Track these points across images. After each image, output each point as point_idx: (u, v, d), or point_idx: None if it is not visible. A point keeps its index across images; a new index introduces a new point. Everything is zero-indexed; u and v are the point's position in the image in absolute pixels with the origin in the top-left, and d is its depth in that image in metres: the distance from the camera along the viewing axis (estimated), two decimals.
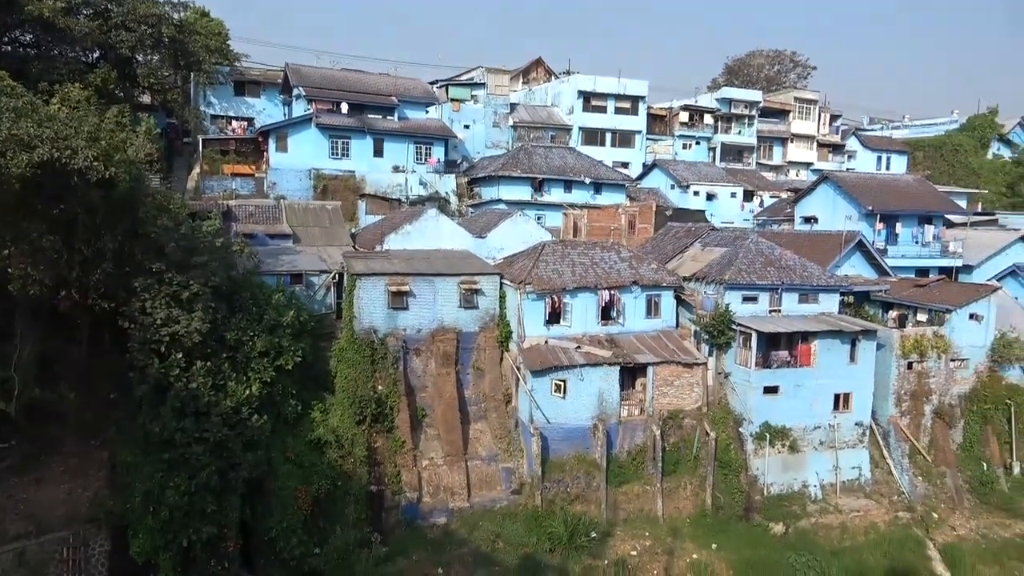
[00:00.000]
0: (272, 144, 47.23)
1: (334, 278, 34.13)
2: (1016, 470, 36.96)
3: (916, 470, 35.53)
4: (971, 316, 37.69)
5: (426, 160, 51.94)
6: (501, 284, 34.13)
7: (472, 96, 61.04)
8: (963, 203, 58.40)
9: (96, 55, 42.61)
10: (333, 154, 48.84)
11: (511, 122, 62.38)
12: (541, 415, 31.47)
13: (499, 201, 51.03)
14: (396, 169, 50.39)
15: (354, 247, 38.92)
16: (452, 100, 59.98)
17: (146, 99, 48.74)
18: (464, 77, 64.11)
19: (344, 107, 50.26)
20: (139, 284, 25.12)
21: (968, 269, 46.92)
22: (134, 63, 44.21)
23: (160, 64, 45.96)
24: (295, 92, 51.09)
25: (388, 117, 52.25)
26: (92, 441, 26.25)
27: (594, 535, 29.74)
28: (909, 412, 36.42)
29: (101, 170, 22.26)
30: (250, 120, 53.47)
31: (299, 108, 50.71)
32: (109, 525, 25.06)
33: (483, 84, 61.38)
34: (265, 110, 54.36)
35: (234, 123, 52.82)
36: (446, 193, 51.80)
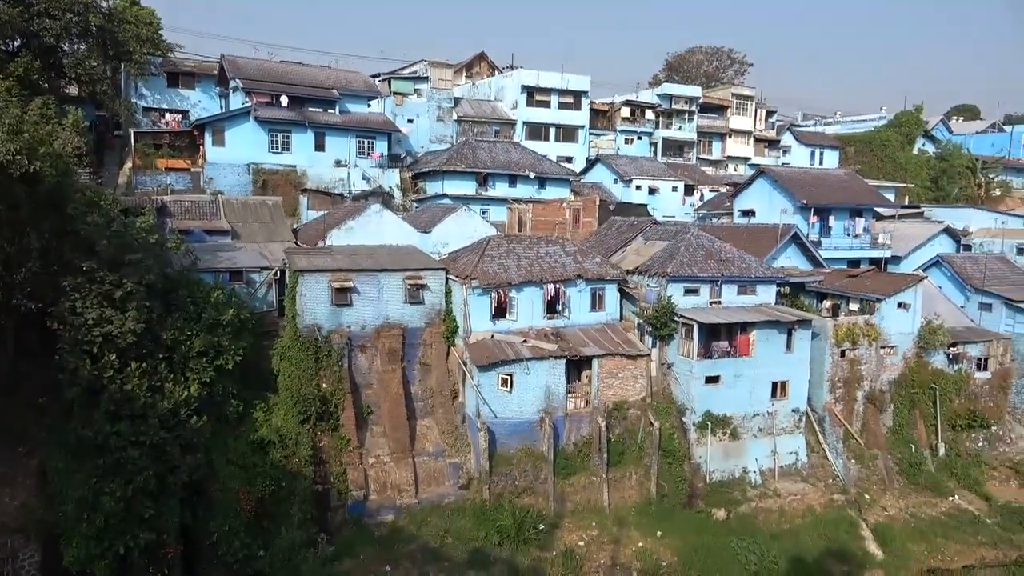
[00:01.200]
0: (208, 138, 45.92)
1: (276, 275, 33.44)
2: (941, 451, 38.79)
3: (849, 454, 36.91)
4: (899, 305, 39.30)
5: (369, 154, 51.30)
6: (447, 279, 34.02)
7: (415, 90, 60.57)
8: (891, 196, 60.91)
9: (17, 44, 40.63)
10: (273, 148, 47.81)
11: (455, 116, 62.12)
12: (488, 410, 31.53)
13: (444, 196, 50.81)
14: (338, 163, 49.63)
15: (296, 243, 38.20)
16: (395, 94, 59.41)
17: (73, 91, 46.65)
18: (407, 71, 63.52)
19: (283, 100, 49.21)
20: (68, 283, 24.15)
21: (896, 260, 48.97)
22: (59, 52, 42.34)
23: (88, 54, 44.01)
24: (232, 84, 49.77)
25: (329, 111, 51.41)
26: (19, 448, 25.13)
27: (542, 527, 29.99)
28: (842, 398, 37.81)
29: (24, 164, 21.33)
30: (185, 113, 51.87)
31: (236, 101, 49.42)
32: (40, 534, 24.05)
33: (426, 78, 60.94)
34: (201, 103, 52.79)
35: (168, 116, 51.14)
36: (390, 188, 51.30)
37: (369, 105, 55.31)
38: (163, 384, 25.03)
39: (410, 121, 59.63)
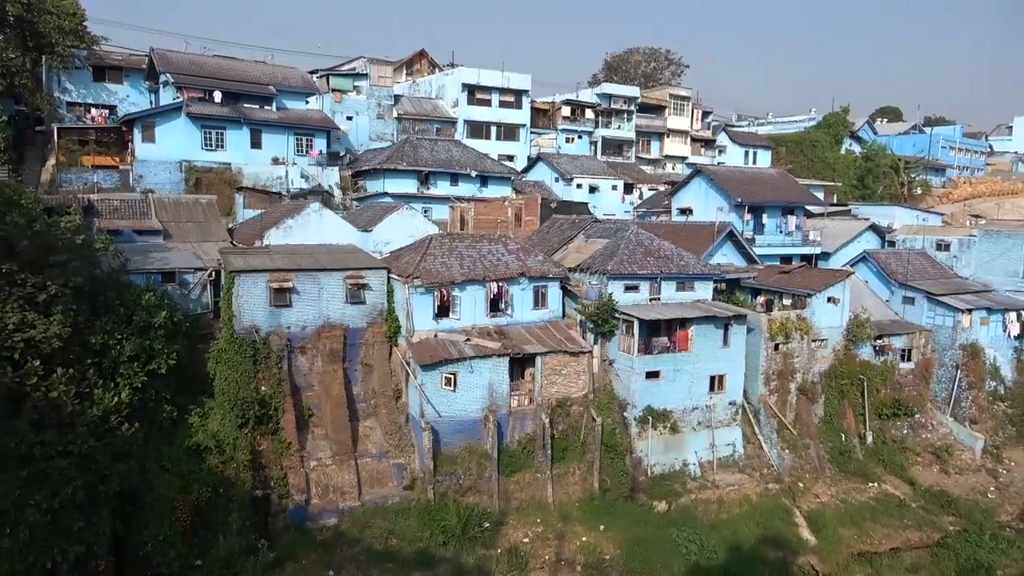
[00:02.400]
0: (138, 134, 44.32)
1: (210, 276, 32.53)
2: (869, 439, 40.43)
3: (783, 444, 38.13)
4: (829, 299, 40.78)
5: (308, 152, 50.40)
6: (389, 278, 33.71)
7: (355, 87, 59.78)
8: (820, 195, 63.17)
9: None
10: (206, 145, 46.47)
11: (396, 114, 61.58)
12: (432, 409, 31.39)
13: (385, 194, 50.29)
14: (276, 161, 48.59)
15: (232, 243, 37.22)
16: (334, 91, 58.52)
17: None
18: (346, 67, 62.57)
19: (217, 96, 47.87)
20: None
21: (826, 256, 50.82)
22: None
23: (5, 45, 41.93)
24: (163, 79, 48.13)
25: (266, 107, 50.26)
26: None
27: (487, 525, 30.04)
28: (777, 390, 39.02)
29: None
30: (112, 108, 49.99)
31: (167, 96, 47.83)
32: None
33: (366, 75, 60.20)
34: (129, 97, 50.95)
35: (94, 111, 49.17)
36: (329, 186, 50.49)
37: (307, 102, 54.29)
38: (92, 390, 24.04)
39: (349, 119, 58.81)
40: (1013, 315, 45.54)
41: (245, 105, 49.27)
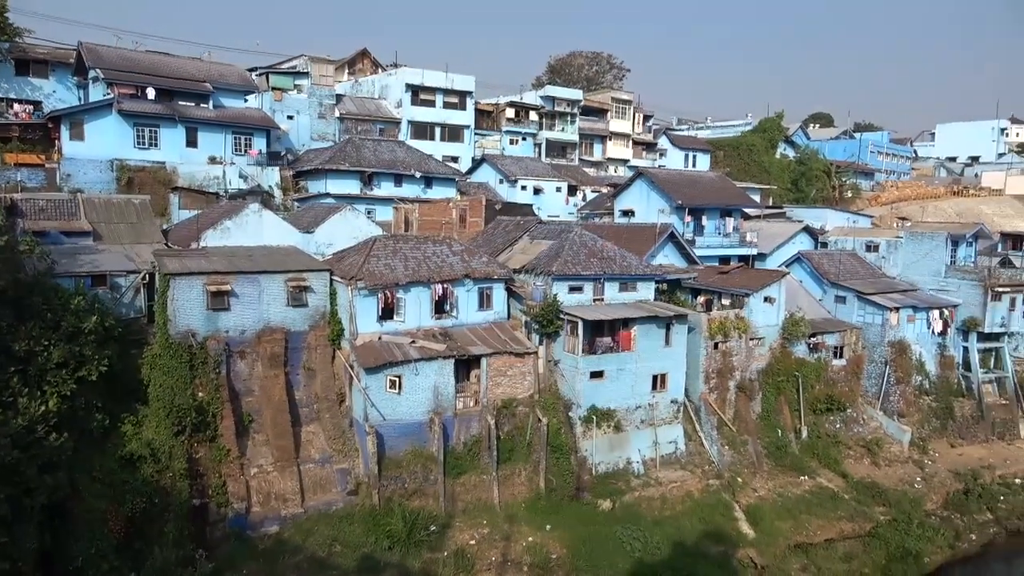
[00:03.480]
0: (65, 131, 42.59)
1: (144, 279, 31.45)
2: (804, 434, 41.74)
3: (723, 440, 39.04)
4: (766, 299, 41.96)
5: (246, 151, 49.26)
6: (331, 281, 33.18)
7: (295, 86, 58.70)
8: (757, 197, 65.03)
9: None
10: (139, 143, 44.98)
11: (338, 114, 60.73)
12: (376, 413, 31.03)
13: (327, 195, 49.54)
14: (213, 161, 47.34)
15: (167, 245, 36.04)
16: (274, 89, 57.33)
17: None
18: (286, 65, 61.40)
19: (151, 92, 46.40)
20: None
21: (762, 257, 52.29)
22: None
23: None
24: (92, 74, 46.37)
25: (202, 104, 48.92)
26: None
27: (433, 528, 29.86)
28: (716, 388, 39.94)
29: None
30: (37, 104, 47.82)
31: (97, 92, 46.09)
32: None
33: (307, 73, 59.21)
34: (55, 93, 48.90)
35: (16, 107, 46.99)
36: (269, 187, 49.46)
37: (246, 100, 53.08)
38: (16, 400, 22.89)
39: (290, 118, 57.74)
40: (936, 313, 47.72)
41: (180, 103, 47.84)
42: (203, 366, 29.43)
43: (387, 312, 32.96)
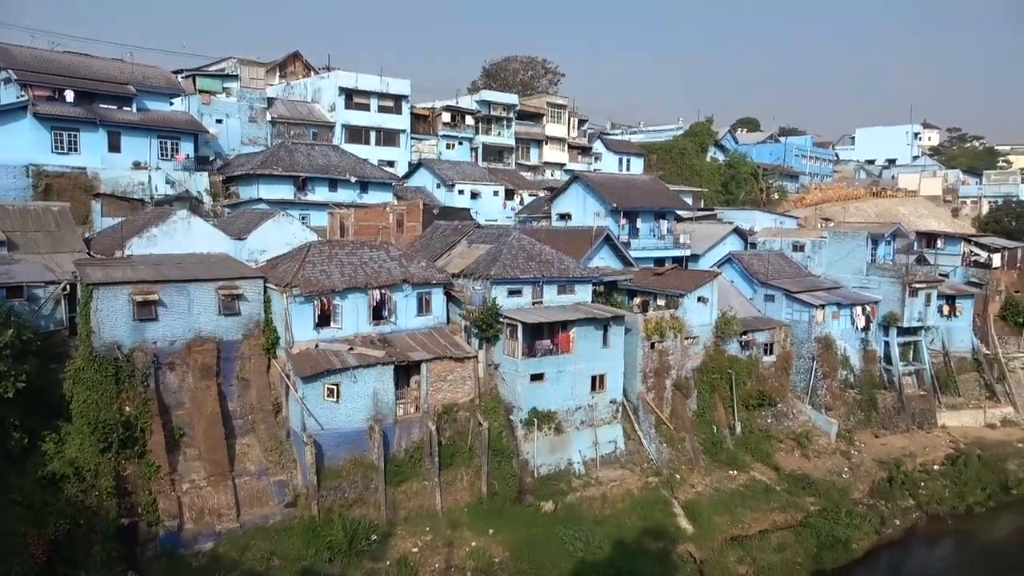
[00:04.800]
0: None
1: (65, 289, 30.06)
2: (738, 429, 42.92)
3: (661, 438, 39.80)
4: (699, 299, 43.02)
5: (173, 156, 47.65)
6: (265, 288, 32.42)
7: (224, 89, 57.12)
8: (689, 200, 66.71)
9: None
10: (57, 148, 43.01)
11: (269, 117, 59.38)
12: (314, 422, 30.44)
13: (259, 201, 48.37)
14: (137, 166, 45.64)
15: (89, 254, 34.55)
16: (201, 92, 55.63)
17: None
18: (214, 68, 59.74)
19: (69, 95, 44.38)
20: None
21: (695, 258, 53.63)
22: None
23: None
24: (4, 76, 44.10)
25: (125, 108, 47.10)
26: None
27: (375, 538, 29.47)
28: (654, 387, 40.70)
29: None
30: None
31: (10, 94, 43.85)
32: None
33: (236, 76, 57.72)
34: None
35: None
36: (198, 192, 47.95)
37: (172, 103, 51.35)
38: None
39: (219, 121, 56.12)
40: (859, 309, 49.84)
41: (101, 106, 45.94)
42: (130, 379, 28.34)
43: (324, 319, 32.41)
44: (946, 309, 54.03)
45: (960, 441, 48.07)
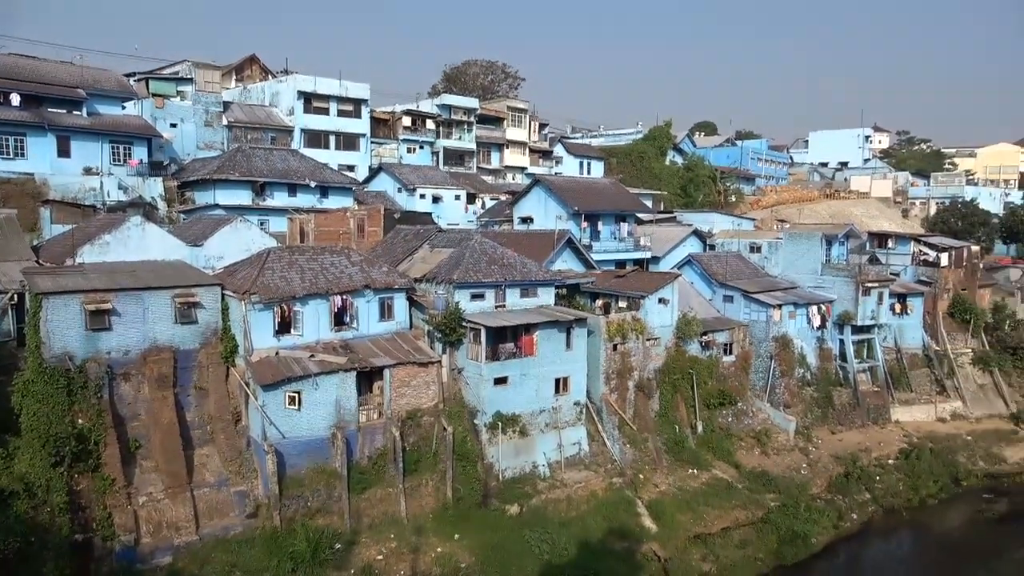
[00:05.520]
0: None
1: (12, 299, 29.15)
2: (700, 428, 43.50)
3: (624, 439, 40.12)
4: (660, 300, 43.53)
5: (126, 161, 46.61)
6: (223, 295, 31.85)
7: (178, 92, 56.08)
8: (649, 203, 67.39)
9: None
10: (3, 154, 41.76)
11: (225, 122, 58.44)
12: (275, 430, 29.98)
13: (216, 206, 47.52)
14: (88, 171, 44.52)
15: (38, 262, 33.51)
16: (155, 95, 54.53)
17: None
18: (167, 71, 58.54)
19: (15, 98, 43.14)
20: None
21: (656, 260, 54.25)
22: None
23: None
24: None
25: (75, 112, 45.95)
26: None
27: (339, 546, 29.11)
28: (616, 388, 41.03)
29: None
30: None
31: None
32: None
33: (190, 80, 56.67)
34: None
35: None
36: (152, 198, 46.97)
37: (124, 107, 50.23)
38: None
39: (173, 126, 55.07)
40: (815, 308, 50.97)
41: (50, 109, 44.72)
42: (83, 391, 27.54)
43: (284, 326, 31.96)
44: (898, 307, 55.58)
45: (913, 435, 49.49)
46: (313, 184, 52.22)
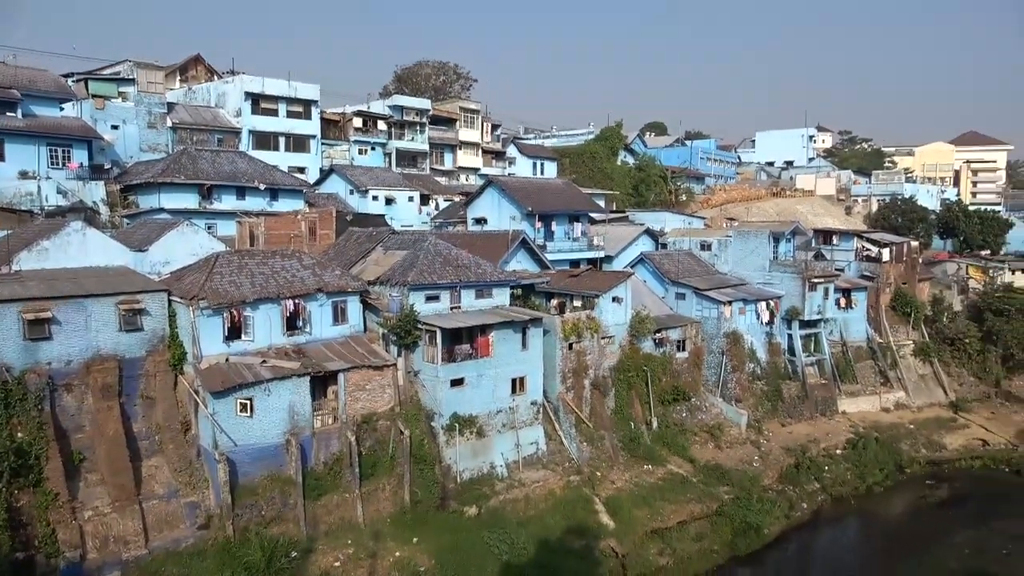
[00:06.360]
0: None
1: None
2: (655, 425, 44.11)
3: (581, 437, 40.44)
4: (614, 299, 43.98)
5: (65, 165, 44.99)
6: (170, 301, 31.05)
7: (120, 93, 54.34)
8: (602, 203, 68.06)
9: None
10: None
11: (170, 123, 56.89)
12: (227, 439, 29.33)
13: (161, 210, 46.27)
14: (24, 175, 42.89)
15: None
16: (95, 96, 52.72)
17: None
18: (108, 71, 56.74)
19: None
20: None
21: (609, 259, 54.78)
22: None
23: None
24: None
25: (9, 113, 44.22)
26: None
27: (295, 554, 28.66)
28: (573, 387, 41.30)
29: None
30: None
31: None
32: None
33: (132, 80, 54.97)
34: None
35: None
36: (94, 203, 45.46)
37: (62, 109, 48.51)
38: None
39: (115, 128, 53.35)
40: (764, 304, 52.17)
41: None
42: (21, 403, 26.52)
43: (234, 332, 31.31)
44: (843, 302, 57.28)
45: (859, 426, 51.08)
46: (262, 187, 51.25)
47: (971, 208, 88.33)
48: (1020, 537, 38.02)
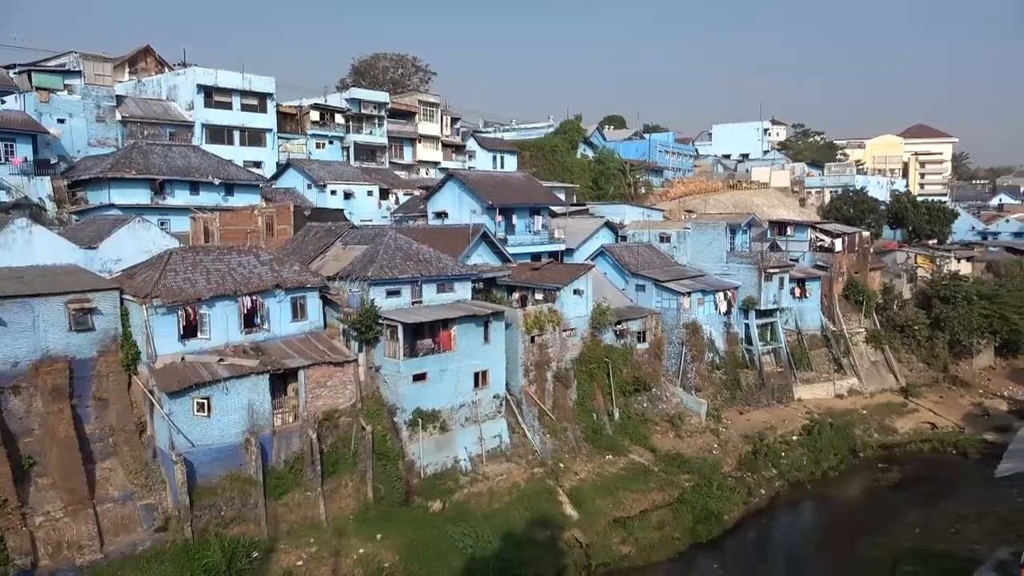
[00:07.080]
0: None
1: None
2: (616, 415, 44.55)
3: (544, 429, 40.65)
4: (575, 292, 44.23)
5: (8, 160, 43.44)
6: (122, 300, 30.29)
7: (66, 86, 52.57)
8: (562, 196, 68.27)
9: None
10: None
11: (119, 117, 55.27)
12: (183, 439, 28.75)
13: (111, 207, 44.98)
14: None
15: None
16: (39, 89, 50.91)
17: None
18: (53, 63, 54.81)
19: None
20: None
21: (570, 252, 55.04)
22: None
23: None
24: None
25: None
26: None
27: (256, 555, 28.29)
28: (535, 380, 41.48)
29: None
30: None
31: None
32: None
33: (79, 72, 53.23)
34: None
35: None
36: (40, 199, 44.05)
37: (3, 101, 46.80)
38: None
39: (61, 121, 51.64)
40: (721, 295, 53.06)
41: None
42: None
43: (190, 330, 30.68)
44: (797, 291, 58.53)
45: (814, 412, 52.34)
46: (217, 181, 50.16)
47: (919, 199, 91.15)
48: (967, 516, 39.42)
